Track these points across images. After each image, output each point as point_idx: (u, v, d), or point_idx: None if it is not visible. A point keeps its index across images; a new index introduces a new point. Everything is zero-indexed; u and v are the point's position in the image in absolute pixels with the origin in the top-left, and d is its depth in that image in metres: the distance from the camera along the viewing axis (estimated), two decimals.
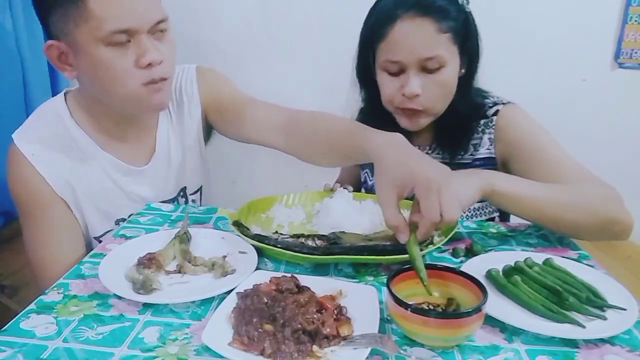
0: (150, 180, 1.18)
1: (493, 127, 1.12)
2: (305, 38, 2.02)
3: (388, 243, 0.88)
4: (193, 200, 1.29)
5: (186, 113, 1.21)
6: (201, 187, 1.31)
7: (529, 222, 1.06)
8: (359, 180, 1.34)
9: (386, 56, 1.04)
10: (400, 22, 1.01)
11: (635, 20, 1.89)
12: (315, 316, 0.68)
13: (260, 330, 0.66)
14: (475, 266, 0.83)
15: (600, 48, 1.95)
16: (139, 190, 1.16)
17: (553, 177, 1.00)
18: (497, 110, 1.12)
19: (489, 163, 1.13)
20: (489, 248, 0.95)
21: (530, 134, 1.09)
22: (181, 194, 1.25)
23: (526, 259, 0.85)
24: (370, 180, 1.28)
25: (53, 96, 1.85)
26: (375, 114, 1.16)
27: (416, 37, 1.00)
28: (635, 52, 1.92)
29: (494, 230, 1.04)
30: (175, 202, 1.23)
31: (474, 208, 1.16)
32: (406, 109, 1.06)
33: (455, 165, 1.14)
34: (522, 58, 1.94)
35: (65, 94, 1.11)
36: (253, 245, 0.90)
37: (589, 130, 1.98)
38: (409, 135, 1.19)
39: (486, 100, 1.15)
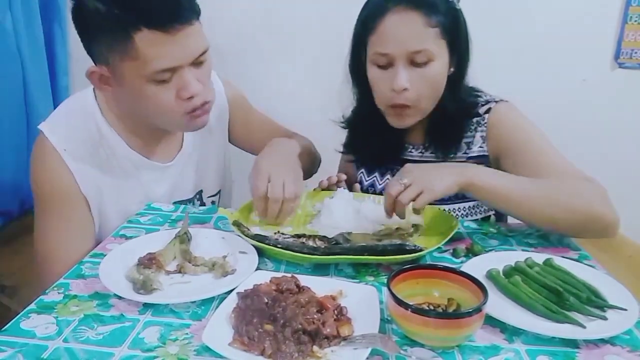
0: (172, 177, 1.18)
1: (485, 124, 1.12)
2: (305, 38, 2.02)
3: (393, 242, 0.89)
4: (212, 202, 1.30)
5: (215, 117, 1.23)
6: (219, 191, 1.32)
7: None
8: (354, 179, 1.34)
9: (376, 49, 1.05)
10: (390, 15, 1.02)
11: (635, 20, 1.89)
12: (315, 316, 0.68)
13: (260, 330, 0.66)
14: (476, 266, 0.83)
15: (600, 48, 1.94)
16: (158, 188, 1.16)
17: (539, 173, 1.00)
18: (490, 109, 1.13)
19: (482, 161, 1.13)
20: (489, 248, 0.95)
21: (520, 130, 1.10)
22: (197, 196, 1.26)
23: (526, 259, 0.85)
24: (366, 180, 1.28)
25: (53, 97, 1.88)
26: (367, 111, 1.18)
27: (404, 29, 1.02)
28: (635, 52, 1.92)
29: (494, 230, 1.04)
30: (191, 204, 1.23)
31: (469, 207, 1.17)
32: (396, 105, 1.07)
33: None
34: (522, 58, 1.93)
35: (94, 89, 1.11)
36: (253, 245, 0.90)
37: (588, 130, 1.98)
38: (402, 135, 1.21)
39: (478, 99, 1.15)
